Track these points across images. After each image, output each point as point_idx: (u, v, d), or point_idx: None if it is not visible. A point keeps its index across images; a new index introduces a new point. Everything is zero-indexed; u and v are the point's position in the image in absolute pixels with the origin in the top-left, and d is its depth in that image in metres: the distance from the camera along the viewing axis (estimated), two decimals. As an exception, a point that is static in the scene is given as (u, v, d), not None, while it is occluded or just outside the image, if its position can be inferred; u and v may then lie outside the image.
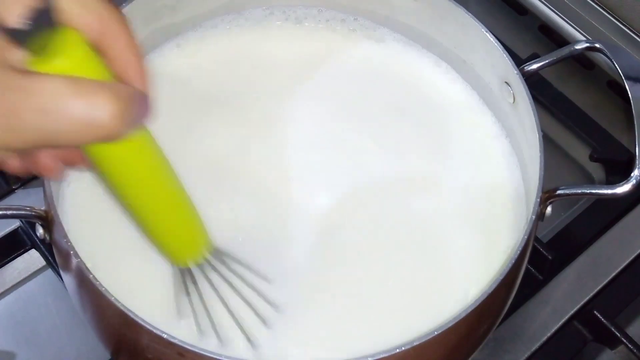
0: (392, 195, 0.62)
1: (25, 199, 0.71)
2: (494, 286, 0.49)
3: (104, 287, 0.48)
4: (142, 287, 0.56)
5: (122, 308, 0.48)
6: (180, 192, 0.50)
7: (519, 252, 0.51)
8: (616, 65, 0.57)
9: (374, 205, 0.61)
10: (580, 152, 0.80)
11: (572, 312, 0.67)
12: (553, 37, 0.85)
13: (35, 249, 0.69)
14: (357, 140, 0.65)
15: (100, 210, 0.59)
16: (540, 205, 0.53)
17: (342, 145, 0.64)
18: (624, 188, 0.53)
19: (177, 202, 0.50)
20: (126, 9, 0.60)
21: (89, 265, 0.50)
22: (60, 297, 0.69)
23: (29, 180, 0.72)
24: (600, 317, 0.66)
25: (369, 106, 0.67)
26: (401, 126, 0.66)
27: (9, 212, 0.52)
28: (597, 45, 0.59)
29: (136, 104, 0.40)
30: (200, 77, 0.67)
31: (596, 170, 0.79)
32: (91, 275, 0.49)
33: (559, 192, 0.55)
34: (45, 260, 0.69)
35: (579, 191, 0.55)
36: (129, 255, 0.58)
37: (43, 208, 0.54)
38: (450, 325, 0.48)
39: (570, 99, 0.80)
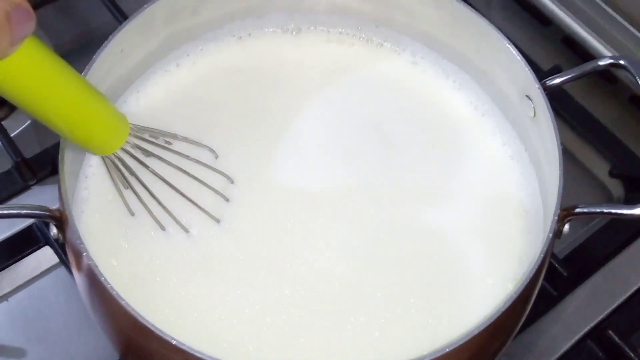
0: (407, 208, 0.62)
1: (41, 196, 0.71)
2: (509, 303, 0.49)
3: (115, 290, 0.48)
4: (153, 290, 0.56)
5: (132, 312, 0.47)
6: (81, 82, 0.53)
7: (534, 270, 0.50)
8: (639, 81, 0.56)
9: (388, 218, 0.61)
10: (599, 167, 0.79)
11: (585, 330, 0.66)
12: (576, 50, 0.83)
13: (49, 246, 0.70)
14: (372, 153, 0.64)
15: (114, 211, 0.59)
16: (557, 223, 0.53)
17: (356, 158, 0.64)
18: (643, 209, 0.52)
19: (82, 93, 0.53)
20: (147, 10, 0.60)
21: (101, 267, 0.50)
22: (72, 295, 0.69)
23: (45, 176, 0.72)
24: (614, 337, 0.65)
25: (386, 118, 0.66)
26: (417, 138, 0.65)
27: (23, 212, 0.52)
28: (621, 62, 0.58)
29: (15, 20, 0.41)
30: (216, 86, 0.67)
31: (615, 186, 0.78)
32: (103, 278, 0.49)
33: (577, 210, 0.54)
34: (58, 257, 0.69)
35: (598, 210, 0.54)
36: (142, 257, 0.58)
37: (57, 207, 0.54)
38: (463, 342, 0.47)
39: (591, 112, 0.79)
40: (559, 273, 0.68)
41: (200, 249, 0.58)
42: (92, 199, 0.60)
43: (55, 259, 0.70)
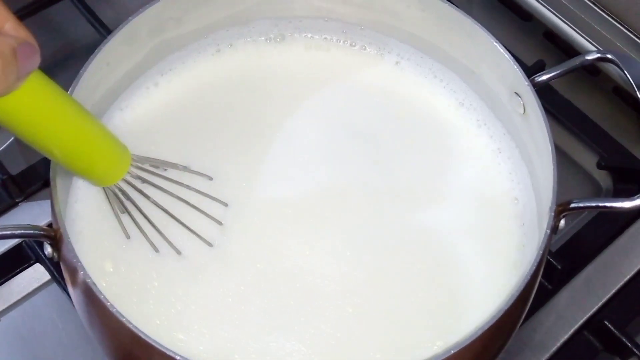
0: (402, 211, 0.62)
1: (29, 213, 0.70)
2: (510, 302, 0.49)
3: (115, 308, 0.48)
4: (151, 308, 0.56)
5: (134, 329, 0.47)
6: (85, 115, 0.53)
7: (534, 267, 0.51)
8: (628, 75, 0.57)
9: (383, 223, 0.61)
10: (587, 159, 0.79)
11: (581, 321, 0.67)
12: (558, 44, 0.84)
13: (40, 264, 0.69)
14: (361, 158, 0.64)
15: (108, 227, 0.59)
16: (554, 219, 0.53)
17: (345, 163, 0.64)
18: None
19: (85, 126, 0.53)
20: (133, 22, 0.59)
21: (99, 285, 0.49)
22: (65, 312, 0.68)
23: (33, 193, 0.71)
24: (611, 327, 0.65)
25: (375, 122, 0.66)
26: (407, 140, 0.65)
27: (17, 232, 0.51)
28: (608, 55, 0.58)
29: (22, 56, 0.42)
30: (201, 99, 0.66)
31: (603, 178, 0.78)
32: (102, 296, 0.48)
33: (572, 205, 0.54)
34: (50, 274, 0.68)
35: (593, 204, 0.55)
36: (137, 274, 0.57)
37: (45, 223, 0.53)
38: (467, 343, 0.47)
39: (576, 105, 0.80)
40: (553, 266, 0.68)
41: (197, 268, 0.58)
42: (85, 215, 0.59)
43: (47, 276, 0.69)
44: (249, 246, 0.59)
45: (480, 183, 0.64)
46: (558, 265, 0.68)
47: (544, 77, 0.60)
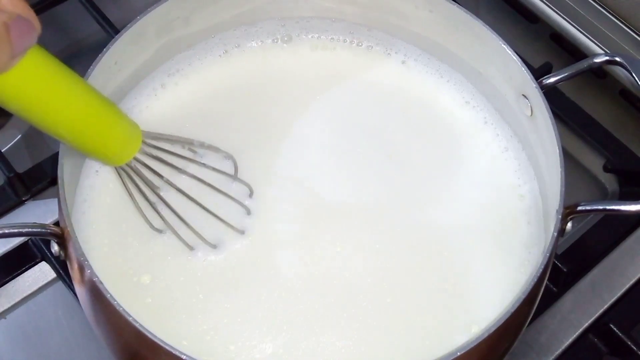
0: (408, 211, 0.62)
1: (35, 211, 0.71)
2: (517, 305, 0.49)
3: (121, 307, 0.48)
4: (154, 302, 0.56)
5: (140, 329, 0.47)
6: (89, 91, 0.51)
7: (541, 270, 0.51)
8: (636, 78, 0.57)
9: (389, 222, 0.61)
10: (593, 162, 0.79)
11: (586, 324, 0.67)
12: (564, 46, 0.84)
13: (46, 262, 0.69)
14: (370, 158, 0.64)
15: (115, 224, 0.59)
16: (561, 221, 0.53)
17: (354, 163, 0.64)
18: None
19: (91, 102, 0.51)
20: (141, 21, 0.59)
21: (105, 282, 0.49)
22: (71, 309, 0.68)
23: (39, 191, 0.71)
24: (616, 330, 0.65)
25: (382, 122, 0.66)
26: (415, 141, 0.66)
27: (24, 231, 0.51)
28: (617, 58, 0.58)
29: (15, 32, 0.40)
30: (209, 99, 0.66)
31: (610, 181, 0.78)
32: (109, 295, 0.48)
33: (579, 208, 0.54)
34: (55, 272, 0.69)
35: (600, 207, 0.55)
36: (145, 270, 0.57)
37: (52, 221, 0.53)
38: (473, 345, 0.47)
39: (582, 108, 0.80)
40: (559, 269, 0.68)
41: (211, 264, 0.58)
42: (91, 213, 0.59)
43: (52, 274, 0.69)
44: (278, 252, 0.59)
45: (488, 183, 0.64)
46: (564, 268, 0.68)
47: (552, 80, 0.60)
